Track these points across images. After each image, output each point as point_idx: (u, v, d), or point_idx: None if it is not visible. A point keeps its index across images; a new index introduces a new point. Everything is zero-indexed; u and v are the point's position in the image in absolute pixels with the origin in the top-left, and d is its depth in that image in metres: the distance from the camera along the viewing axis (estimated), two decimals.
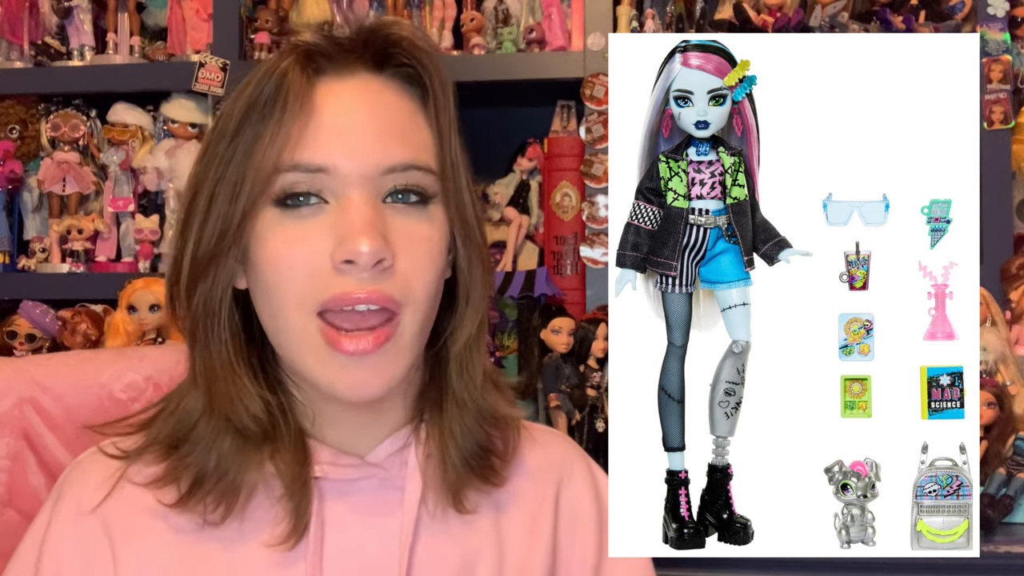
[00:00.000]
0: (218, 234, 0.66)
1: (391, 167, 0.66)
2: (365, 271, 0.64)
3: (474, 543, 0.74)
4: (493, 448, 0.75)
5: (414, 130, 0.69)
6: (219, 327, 0.69)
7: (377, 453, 0.73)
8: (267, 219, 0.67)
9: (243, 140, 0.66)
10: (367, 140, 0.66)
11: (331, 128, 0.66)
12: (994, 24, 1.65)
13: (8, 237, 1.88)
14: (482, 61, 1.76)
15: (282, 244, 0.66)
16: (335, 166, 0.65)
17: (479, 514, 0.74)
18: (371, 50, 0.70)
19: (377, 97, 0.69)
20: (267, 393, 0.70)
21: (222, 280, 0.68)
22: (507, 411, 0.75)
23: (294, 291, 0.65)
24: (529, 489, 0.78)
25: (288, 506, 0.69)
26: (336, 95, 0.68)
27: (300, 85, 0.66)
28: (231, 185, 0.66)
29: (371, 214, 0.65)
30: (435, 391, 0.74)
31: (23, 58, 1.88)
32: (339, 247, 0.64)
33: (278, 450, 0.69)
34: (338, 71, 0.69)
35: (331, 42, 0.69)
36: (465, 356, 0.73)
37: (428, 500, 0.73)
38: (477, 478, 0.73)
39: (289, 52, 0.68)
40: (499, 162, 1.88)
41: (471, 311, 0.73)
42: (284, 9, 1.83)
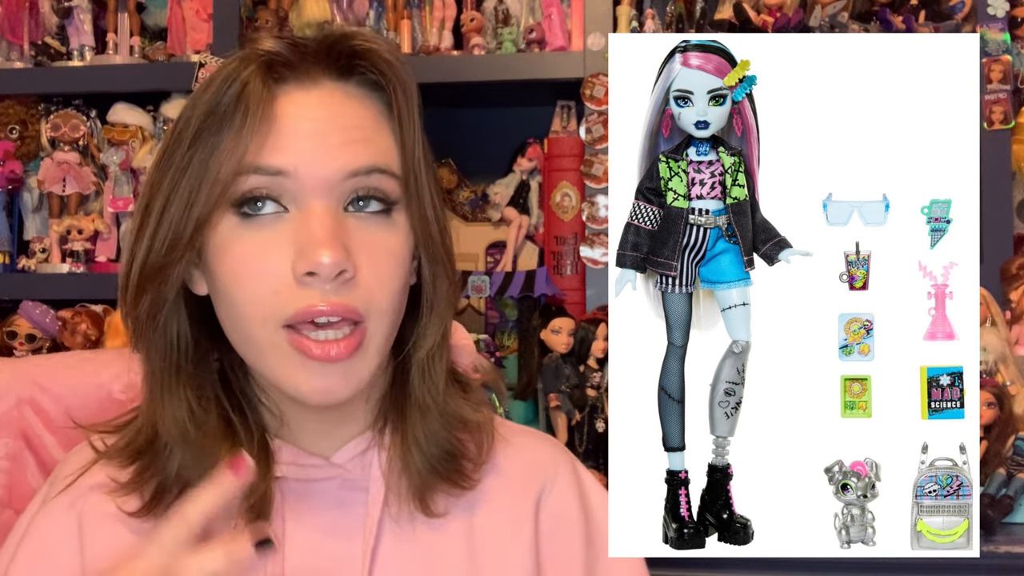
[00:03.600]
0: (169, 243, 0.66)
1: (354, 171, 0.66)
2: (327, 282, 0.63)
3: (442, 547, 0.73)
4: (463, 452, 0.75)
5: (377, 136, 0.69)
6: (159, 335, 0.69)
7: (341, 455, 0.73)
8: (225, 229, 0.66)
9: (200, 148, 0.65)
10: (330, 144, 0.65)
11: (292, 133, 0.65)
12: (994, 24, 1.65)
13: (8, 237, 1.88)
14: (482, 61, 1.76)
15: (241, 258, 0.65)
16: (296, 169, 0.64)
17: (449, 518, 0.73)
18: (335, 59, 0.69)
19: (340, 104, 0.68)
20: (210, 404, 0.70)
21: (169, 289, 0.68)
22: (472, 416, 0.75)
23: (257, 306, 0.65)
24: (503, 491, 0.77)
25: (248, 516, 0.68)
26: (298, 104, 0.66)
27: (261, 94, 0.65)
28: (186, 193, 0.65)
29: (332, 223, 0.64)
30: (398, 395, 0.74)
31: (23, 58, 1.88)
32: (300, 258, 0.63)
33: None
34: (300, 80, 0.68)
35: (293, 50, 0.68)
36: (427, 364, 0.73)
37: (391, 504, 0.72)
38: (445, 482, 0.73)
39: (249, 60, 0.66)
40: (499, 162, 1.88)
41: (435, 321, 0.72)
42: (284, 9, 1.83)
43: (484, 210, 1.86)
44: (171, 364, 0.70)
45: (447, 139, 1.89)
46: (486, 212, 1.86)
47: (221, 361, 0.73)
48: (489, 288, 1.70)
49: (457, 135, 1.95)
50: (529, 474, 0.79)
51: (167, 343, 0.70)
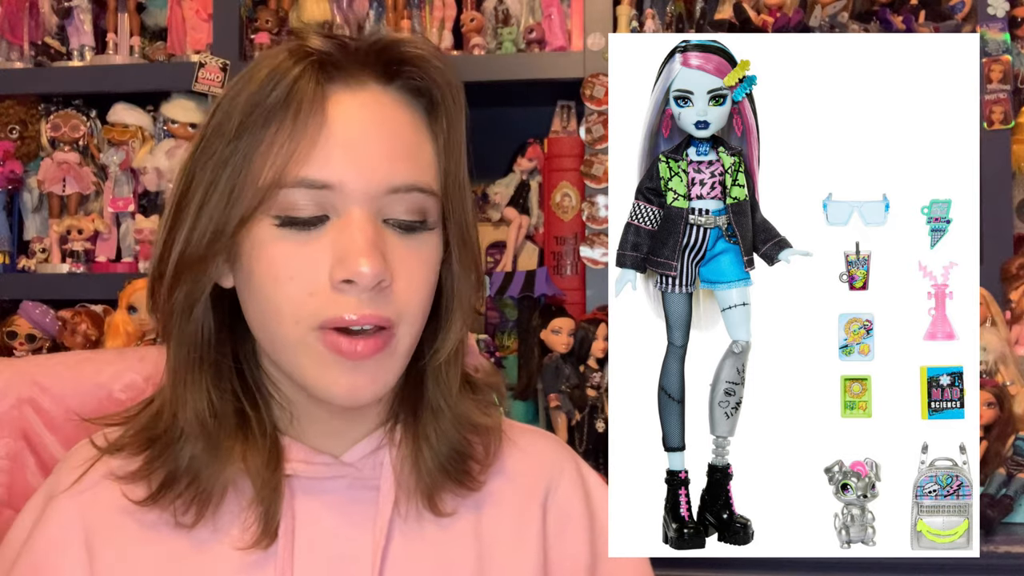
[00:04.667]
0: (209, 238, 0.66)
1: (395, 187, 0.66)
2: (365, 292, 0.64)
3: (450, 547, 0.74)
4: (471, 453, 0.75)
5: (419, 148, 0.69)
6: (190, 326, 0.69)
7: (352, 453, 0.73)
8: (264, 228, 0.65)
9: (244, 143, 0.64)
10: (374, 157, 0.66)
11: (341, 143, 0.65)
12: (994, 24, 1.65)
13: (8, 237, 1.88)
14: (482, 61, 1.76)
15: (281, 259, 0.65)
16: (342, 183, 0.65)
17: (456, 518, 0.74)
18: (383, 63, 0.68)
19: (386, 112, 0.68)
20: (227, 396, 0.70)
21: (206, 282, 0.68)
22: (481, 420, 0.75)
23: (291, 306, 0.65)
24: (510, 492, 0.77)
25: (258, 511, 0.69)
26: (346, 108, 0.66)
27: (313, 95, 0.64)
28: (228, 190, 0.65)
29: (372, 233, 0.65)
30: (411, 396, 0.74)
31: (23, 58, 1.88)
32: (339, 266, 0.64)
33: (249, 452, 0.69)
34: (347, 81, 0.67)
35: (342, 50, 0.67)
36: (445, 368, 0.73)
37: (401, 502, 0.73)
38: (453, 482, 0.73)
39: (299, 57, 0.66)
40: (499, 162, 1.88)
41: (456, 326, 0.73)
42: (284, 9, 1.83)
43: (484, 210, 1.86)
44: (195, 355, 0.70)
45: None
46: (486, 212, 1.85)
47: (236, 354, 0.73)
48: (489, 288, 1.70)
49: None
50: (535, 475, 0.79)
51: (195, 334, 0.70)
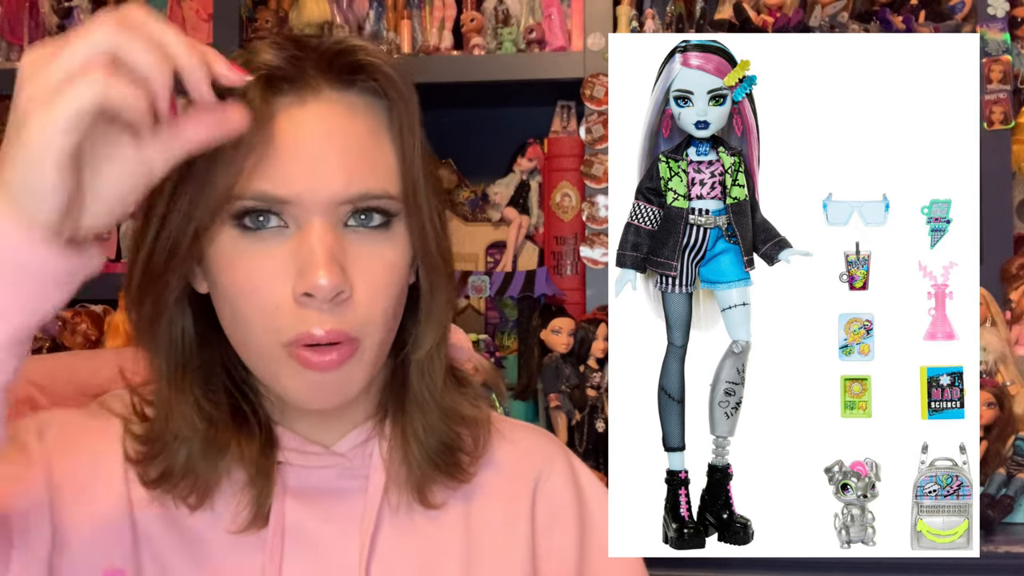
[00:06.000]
0: (169, 250, 0.66)
1: (350, 197, 0.66)
2: (324, 303, 0.65)
3: (440, 538, 0.74)
4: (460, 445, 0.76)
5: (376, 153, 0.68)
6: (162, 335, 0.70)
7: (342, 444, 0.74)
8: (227, 239, 0.66)
9: (201, 156, 0.63)
10: (331, 168, 0.66)
11: (295, 157, 0.65)
12: (994, 24, 1.65)
13: None
14: (482, 61, 1.76)
15: (245, 273, 0.66)
16: (297, 196, 0.65)
17: (446, 510, 0.75)
18: (336, 70, 0.68)
19: (341, 121, 0.68)
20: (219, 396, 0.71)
21: (170, 293, 0.68)
22: (469, 412, 0.76)
23: (260, 318, 0.66)
24: (499, 484, 0.78)
25: (251, 494, 0.70)
26: (297, 121, 0.66)
27: (260, 109, 0.64)
28: (186, 201, 0.65)
29: (331, 243, 0.65)
30: (398, 388, 0.75)
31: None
32: (299, 279, 0.64)
33: (244, 440, 0.71)
34: (299, 92, 0.67)
35: (293, 62, 0.67)
36: (426, 363, 0.74)
37: (390, 493, 0.74)
38: (442, 474, 0.74)
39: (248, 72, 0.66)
40: (499, 162, 1.88)
41: (432, 326, 0.73)
42: (284, 9, 1.83)
43: (484, 210, 1.86)
44: (177, 362, 0.71)
45: (447, 139, 1.89)
46: (486, 212, 1.85)
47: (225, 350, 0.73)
48: (489, 288, 1.70)
49: (457, 135, 1.95)
50: (524, 467, 0.80)
51: (171, 342, 0.70)
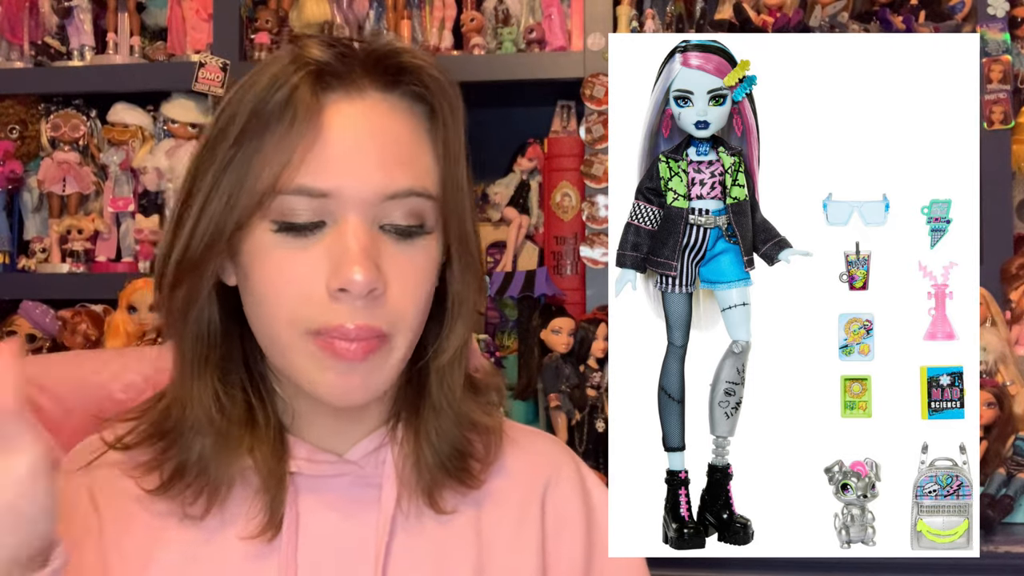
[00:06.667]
0: (208, 240, 0.67)
1: (392, 193, 0.67)
2: (358, 299, 0.65)
3: (451, 543, 0.74)
4: (472, 452, 0.76)
5: (418, 155, 0.69)
6: (192, 325, 0.70)
7: (355, 451, 0.74)
8: (263, 233, 0.67)
9: (244, 149, 0.65)
10: (371, 165, 0.66)
11: (338, 152, 0.66)
12: (994, 24, 1.65)
13: (8, 237, 1.88)
14: (482, 61, 1.76)
15: (278, 266, 0.66)
16: (338, 190, 0.65)
17: (457, 516, 0.75)
18: (382, 71, 0.69)
19: (384, 120, 0.69)
20: (235, 390, 0.71)
21: (206, 282, 0.69)
22: (483, 420, 0.76)
23: (288, 311, 0.66)
24: (509, 490, 0.78)
25: (264, 500, 0.70)
26: (344, 116, 0.67)
27: (310, 103, 0.65)
28: (227, 194, 0.66)
29: (367, 241, 0.66)
30: (413, 395, 0.75)
31: (23, 58, 1.88)
32: (334, 275, 0.65)
33: (256, 444, 0.71)
34: (347, 90, 0.68)
35: (342, 59, 0.68)
36: (448, 369, 0.74)
37: (403, 499, 0.74)
38: (454, 480, 0.74)
39: (299, 65, 0.67)
40: (499, 162, 1.88)
41: (459, 329, 0.74)
42: (284, 9, 1.83)
43: (484, 210, 1.86)
44: (201, 352, 0.71)
45: None
46: (486, 212, 1.85)
47: (244, 348, 0.74)
48: (489, 288, 1.70)
49: None
50: (534, 473, 0.79)
51: (199, 331, 0.71)
